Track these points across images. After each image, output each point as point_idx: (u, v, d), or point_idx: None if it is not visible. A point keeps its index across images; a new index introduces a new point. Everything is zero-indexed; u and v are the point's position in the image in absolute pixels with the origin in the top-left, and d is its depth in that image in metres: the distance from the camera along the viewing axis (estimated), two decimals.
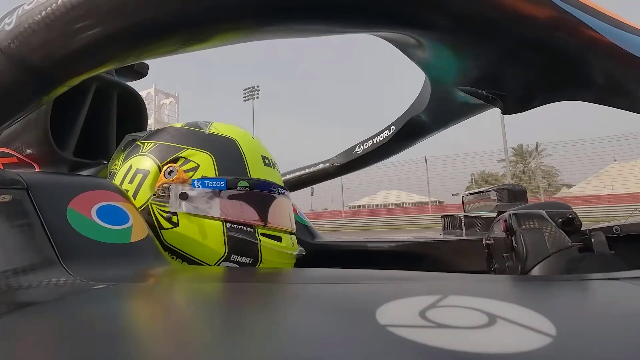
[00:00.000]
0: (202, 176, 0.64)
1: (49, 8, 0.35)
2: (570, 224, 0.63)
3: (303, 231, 1.03)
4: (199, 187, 0.64)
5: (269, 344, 0.22)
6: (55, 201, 0.47)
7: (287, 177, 1.27)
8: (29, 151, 0.77)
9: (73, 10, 0.34)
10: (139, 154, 0.68)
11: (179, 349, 0.22)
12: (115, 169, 0.70)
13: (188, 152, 0.66)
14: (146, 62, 1.02)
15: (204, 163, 0.65)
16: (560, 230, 0.57)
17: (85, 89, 0.84)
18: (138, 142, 0.71)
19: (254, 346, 0.22)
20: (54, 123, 0.77)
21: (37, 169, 0.79)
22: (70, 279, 0.39)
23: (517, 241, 0.57)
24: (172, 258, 0.63)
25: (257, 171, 0.69)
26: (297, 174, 1.27)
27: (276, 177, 0.73)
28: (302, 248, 0.76)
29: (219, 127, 0.72)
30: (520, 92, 0.52)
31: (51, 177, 0.55)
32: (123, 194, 0.57)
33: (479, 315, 0.23)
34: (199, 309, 0.31)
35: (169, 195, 0.63)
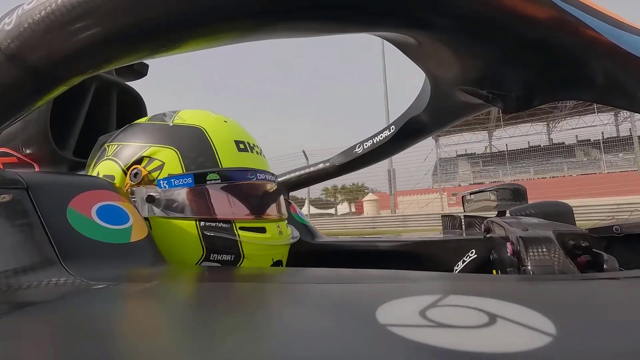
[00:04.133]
0: (169, 174, 0.60)
1: (48, 8, 0.35)
2: (581, 249, 0.61)
3: (303, 231, 1.03)
4: (165, 187, 0.60)
5: (269, 344, 0.22)
6: (55, 201, 0.47)
7: (287, 177, 1.28)
8: (29, 151, 0.77)
9: (73, 10, 0.34)
10: (105, 158, 0.65)
11: (179, 349, 0.22)
12: None
13: (151, 150, 0.62)
14: (146, 62, 1.02)
15: (169, 159, 0.61)
16: (570, 260, 0.55)
17: (85, 88, 0.84)
18: (105, 145, 0.67)
19: (255, 345, 0.22)
20: (54, 123, 0.77)
21: (37, 169, 0.79)
22: (70, 279, 0.39)
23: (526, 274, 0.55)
24: None
25: (229, 159, 0.63)
26: (297, 173, 1.27)
27: (255, 162, 0.67)
28: (296, 233, 0.72)
29: (185, 116, 0.66)
30: (520, 91, 0.52)
31: (51, 177, 0.55)
32: (123, 194, 0.57)
33: (479, 315, 0.23)
34: (200, 309, 0.31)
35: (136, 199, 0.60)
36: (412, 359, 0.19)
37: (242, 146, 0.66)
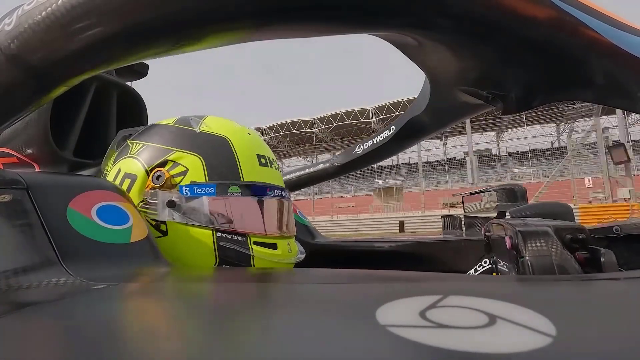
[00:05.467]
0: (191, 181, 0.61)
1: (48, 8, 0.35)
2: (578, 242, 0.61)
3: (303, 231, 1.03)
4: (187, 194, 0.60)
5: (269, 344, 0.22)
6: (55, 201, 0.47)
7: (287, 177, 1.27)
8: (29, 151, 0.77)
9: (73, 11, 0.34)
10: (128, 155, 0.65)
11: (179, 349, 0.22)
12: (107, 171, 0.68)
13: (176, 155, 0.62)
14: (146, 62, 1.02)
15: (193, 166, 0.61)
16: (568, 252, 0.55)
17: (85, 89, 0.84)
18: (129, 142, 0.68)
19: (254, 346, 0.22)
20: (54, 123, 0.77)
21: (37, 169, 0.79)
22: (70, 279, 0.39)
23: (524, 267, 0.55)
24: None
25: (251, 172, 0.64)
26: (297, 174, 1.27)
27: (274, 177, 0.68)
28: (302, 250, 0.72)
29: (211, 124, 0.67)
30: (520, 92, 0.52)
31: (51, 177, 0.55)
32: (123, 194, 0.57)
33: (479, 316, 0.23)
34: (199, 309, 0.31)
35: (157, 202, 0.60)
36: (412, 359, 0.19)
37: (263, 160, 0.67)
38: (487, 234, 0.78)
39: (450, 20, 0.39)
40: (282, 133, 25.83)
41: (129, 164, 0.64)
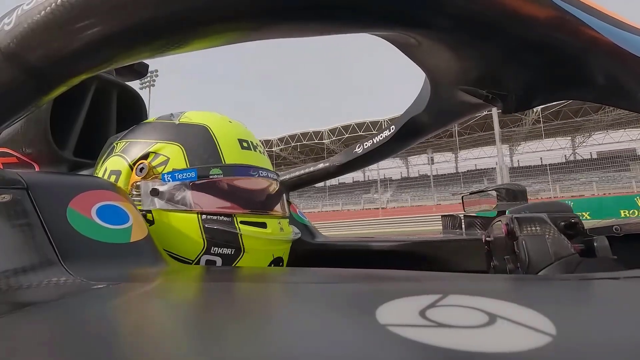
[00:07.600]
0: (173, 169, 0.62)
1: (48, 8, 0.35)
2: (572, 228, 0.62)
3: (303, 231, 1.03)
4: (169, 180, 0.62)
5: (269, 344, 0.22)
6: (55, 201, 0.47)
7: (287, 177, 1.28)
8: (29, 151, 0.77)
9: (72, 10, 0.34)
10: (113, 155, 0.68)
11: (179, 349, 0.22)
12: (97, 173, 0.70)
13: (157, 146, 0.64)
14: (146, 61, 1.02)
15: (174, 155, 0.63)
16: (563, 235, 0.56)
17: (85, 88, 0.84)
18: (114, 143, 0.70)
19: (254, 345, 0.22)
20: (54, 123, 0.77)
21: (37, 169, 0.79)
22: (70, 279, 0.39)
23: (519, 247, 0.56)
24: None
25: (232, 156, 0.65)
26: (297, 173, 1.27)
27: (258, 160, 0.69)
28: (297, 230, 0.73)
29: (191, 116, 0.69)
30: (520, 91, 0.52)
31: (51, 177, 0.55)
32: (123, 194, 0.57)
33: (479, 315, 0.23)
34: (199, 309, 0.31)
35: (141, 192, 0.62)
36: (412, 359, 0.19)
37: (245, 144, 0.68)
38: (487, 239, 0.78)
39: (450, 20, 0.39)
40: (292, 144, 25.86)
41: (114, 162, 0.66)
